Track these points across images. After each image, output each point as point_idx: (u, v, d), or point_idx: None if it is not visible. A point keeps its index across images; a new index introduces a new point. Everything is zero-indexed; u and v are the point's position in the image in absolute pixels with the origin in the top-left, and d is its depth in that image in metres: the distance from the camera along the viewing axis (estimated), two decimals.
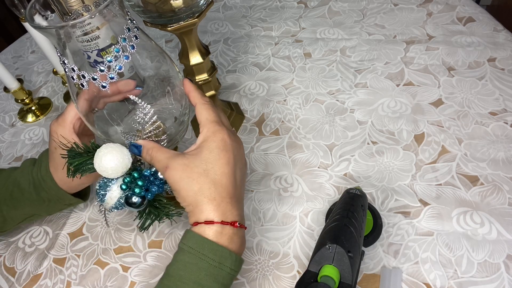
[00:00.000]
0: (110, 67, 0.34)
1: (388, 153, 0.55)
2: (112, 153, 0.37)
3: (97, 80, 0.34)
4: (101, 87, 0.35)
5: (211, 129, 0.38)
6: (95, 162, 0.37)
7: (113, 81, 0.35)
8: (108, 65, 0.34)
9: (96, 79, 0.34)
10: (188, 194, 0.35)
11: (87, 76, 0.34)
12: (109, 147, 0.37)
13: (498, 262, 0.43)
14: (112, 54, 0.34)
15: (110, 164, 0.36)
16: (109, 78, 0.34)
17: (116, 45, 0.34)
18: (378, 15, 0.77)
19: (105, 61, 0.34)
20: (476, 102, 0.59)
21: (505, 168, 0.50)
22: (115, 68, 0.34)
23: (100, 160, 0.36)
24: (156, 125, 0.39)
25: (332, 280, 0.36)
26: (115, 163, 0.36)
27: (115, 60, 0.34)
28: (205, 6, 0.46)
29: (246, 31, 0.81)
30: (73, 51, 0.35)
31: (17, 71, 0.84)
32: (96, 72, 0.34)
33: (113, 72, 0.35)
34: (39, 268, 0.51)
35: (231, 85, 0.70)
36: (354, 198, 0.44)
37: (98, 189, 0.38)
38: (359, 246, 0.39)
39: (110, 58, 0.34)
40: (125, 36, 0.35)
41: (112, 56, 0.34)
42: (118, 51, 0.34)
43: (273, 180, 0.54)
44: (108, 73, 0.34)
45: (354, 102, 0.62)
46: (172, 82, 0.43)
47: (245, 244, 0.37)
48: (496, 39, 0.68)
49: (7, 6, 0.60)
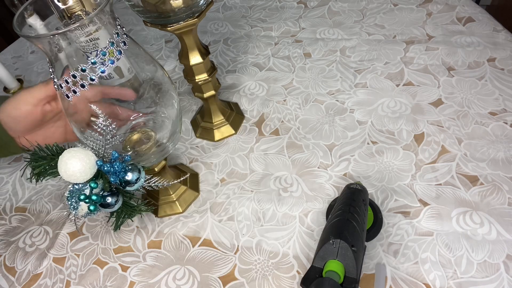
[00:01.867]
0: (93, 69, 0.34)
1: (388, 153, 0.55)
2: (76, 157, 0.35)
3: (77, 79, 0.34)
4: (80, 87, 0.35)
5: None
6: (60, 167, 0.35)
7: (93, 82, 0.34)
8: (92, 66, 0.34)
9: (76, 77, 0.34)
10: None
11: (57, 81, 0.34)
12: (72, 151, 0.36)
13: (498, 262, 0.43)
14: (98, 57, 0.34)
15: (77, 167, 0.35)
16: (89, 79, 0.34)
17: (103, 48, 0.34)
18: (378, 15, 0.77)
19: (89, 62, 0.34)
20: (476, 102, 0.59)
21: (505, 168, 0.50)
22: (97, 71, 0.34)
23: (66, 165, 0.35)
24: (121, 140, 0.38)
25: (337, 274, 0.36)
26: (80, 167, 0.35)
27: (100, 63, 0.34)
28: (205, 6, 0.46)
29: (246, 31, 0.81)
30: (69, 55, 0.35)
31: (17, 71, 0.84)
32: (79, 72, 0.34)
33: (95, 74, 0.34)
34: (39, 268, 0.51)
35: (231, 85, 0.70)
36: (355, 193, 0.44)
37: (68, 197, 0.37)
38: (362, 240, 0.39)
39: (94, 60, 0.34)
40: (113, 41, 0.35)
41: (98, 58, 0.34)
42: (104, 54, 0.34)
43: (272, 180, 0.54)
44: (90, 74, 0.34)
45: (354, 102, 0.62)
46: (164, 90, 0.43)
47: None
48: (495, 39, 0.68)
49: (7, 6, 0.60)
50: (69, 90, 0.35)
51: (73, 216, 0.40)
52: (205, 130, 0.62)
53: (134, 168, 0.39)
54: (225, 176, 0.56)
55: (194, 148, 0.61)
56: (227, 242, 0.49)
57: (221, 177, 0.56)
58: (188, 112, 0.67)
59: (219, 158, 0.59)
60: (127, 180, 0.38)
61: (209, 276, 0.46)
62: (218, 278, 0.46)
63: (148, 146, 0.44)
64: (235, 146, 0.60)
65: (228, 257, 0.48)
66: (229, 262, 0.47)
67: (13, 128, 0.47)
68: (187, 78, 0.54)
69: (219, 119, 0.61)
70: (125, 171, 0.38)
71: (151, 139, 0.44)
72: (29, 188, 0.61)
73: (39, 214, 0.57)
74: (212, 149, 0.60)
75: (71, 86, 0.35)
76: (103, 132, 0.36)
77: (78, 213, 0.38)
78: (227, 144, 0.60)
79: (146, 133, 0.44)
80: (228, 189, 0.54)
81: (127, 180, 0.38)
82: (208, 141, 0.61)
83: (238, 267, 0.47)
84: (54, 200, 0.58)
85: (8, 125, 0.47)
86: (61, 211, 0.56)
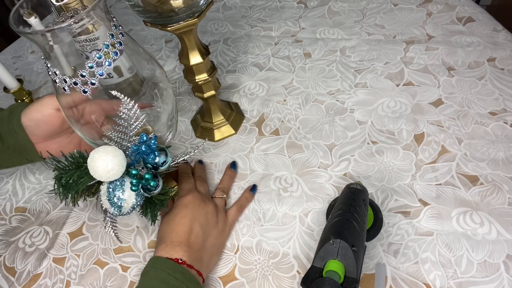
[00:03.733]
0: (92, 72, 0.34)
1: (388, 153, 0.55)
2: (107, 153, 0.35)
3: (78, 85, 0.34)
4: (83, 92, 0.35)
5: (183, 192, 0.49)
6: (96, 168, 0.35)
7: (93, 86, 0.35)
8: (90, 70, 0.34)
9: (77, 84, 0.34)
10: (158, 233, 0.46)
11: (69, 80, 0.34)
12: (99, 151, 0.36)
13: (498, 262, 0.43)
14: (94, 61, 0.34)
15: (110, 165, 0.35)
16: (90, 83, 0.34)
17: (99, 51, 0.34)
18: (378, 15, 0.77)
19: (87, 67, 0.34)
20: (476, 102, 0.59)
21: (505, 168, 0.50)
22: (96, 74, 0.34)
23: (101, 163, 0.35)
24: (143, 123, 0.38)
25: (337, 274, 0.36)
26: (114, 162, 0.35)
27: (96, 66, 0.34)
28: (205, 6, 0.46)
29: (246, 31, 0.81)
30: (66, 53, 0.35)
31: (17, 71, 0.84)
32: (78, 76, 0.34)
33: (95, 78, 0.34)
34: (38, 268, 0.51)
35: (231, 85, 0.70)
36: (355, 192, 0.44)
37: (110, 200, 0.37)
38: (362, 240, 0.39)
39: (91, 64, 0.34)
40: (108, 43, 0.35)
41: (94, 62, 0.34)
42: (100, 57, 0.34)
43: (272, 180, 0.54)
44: (90, 78, 0.34)
45: (354, 102, 0.62)
46: (161, 86, 0.43)
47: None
48: (495, 39, 0.68)
49: (7, 6, 0.60)
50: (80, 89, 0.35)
51: (109, 221, 0.40)
52: (205, 130, 0.62)
53: (161, 149, 0.40)
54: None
55: (194, 148, 0.61)
56: (227, 242, 0.49)
57: (221, 177, 0.56)
58: (188, 112, 0.67)
59: (219, 158, 0.59)
60: (157, 162, 0.39)
61: (209, 276, 0.46)
62: (218, 278, 0.46)
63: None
64: (235, 146, 0.60)
65: (228, 257, 0.48)
66: (229, 262, 0.47)
67: (33, 132, 0.48)
68: (187, 78, 0.54)
69: (219, 119, 0.61)
70: (158, 151, 0.39)
71: (149, 132, 0.44)
72: (29, 188, 0.61)
73: (39, 214, 0.57)
74: (212, 149, 0.60)
75: (80, 87, 0.35)
76: (126, 117, 0.37)
77: (124, 210, 0.37)
78: (227, 144, 0.60)
79: (144, 128, 0.44)
80: None
81: (157, 162, 0.39)
82: (208, 141, 0.61)
83: (238, 267, 0.47)
84: (54, 201, 0.58)
85: (29, 129, 0.48)
86: (61, 211, 0.56)
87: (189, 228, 0.44)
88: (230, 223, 0.49)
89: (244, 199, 0.52)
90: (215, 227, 0.46)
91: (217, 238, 0.46)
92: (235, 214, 0.50)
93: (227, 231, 0.48)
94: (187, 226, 0.44)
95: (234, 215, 0.50)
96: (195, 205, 0.46)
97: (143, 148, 0.38)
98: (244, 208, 0.52)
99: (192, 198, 0.47)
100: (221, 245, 0.47)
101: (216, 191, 0.52)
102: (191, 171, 0.55)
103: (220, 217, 0.48)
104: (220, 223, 0.47)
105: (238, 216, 0.50)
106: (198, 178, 0.53)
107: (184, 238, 0.43)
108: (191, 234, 0.43)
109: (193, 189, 0.49)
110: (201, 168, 0.56)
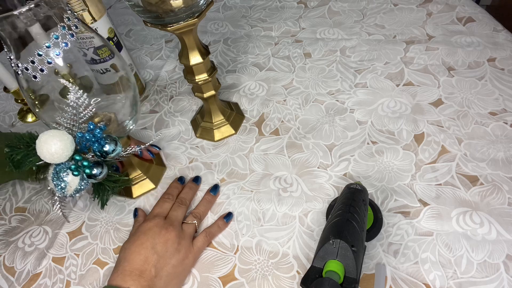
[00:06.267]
0: (48, 53, 0.35)
1: (388, 153, 0.55)
2: (54, 136, 0.37)
3: (29, 71, 0.36)
4: (33, 78, 0.36)
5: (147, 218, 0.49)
6: (42, 149, 0.37)
7: (50, 65, 0.36)
8: (47, 50, 0.35)
9: (28, 70, 0.36)
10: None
11: (21, 65, 0.36)
12: (48, 133, 0.37)
13: (498, 262, 0.43)
14: (61, 48, 0.36)
15: (53, 148, 0.36)
16: (47, 62, 0.36)
17: (56, 32, 0.35)
18: (378, 15, 0.77)
19: (44, 47, 0.35)
20: (476, 102, 0.59)
21: (505, 168, 0.50)
22: (51, 54, 0.36)
23: (46, 145, 0.37)
24: (92, 112, 0.39)
25: (337, 275, 0.36)
26: (58, 146, 0.37)
27: (53, 46, 0.35)
28: (205, 6, 0.46)
29: (246, 31, 0.81)
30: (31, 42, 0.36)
31: None
32: (35, 63, 0.36)
33: (50, 58, 0.36)
34: (38, 268, 0.51)
35: (231, 85, 0.70)
36: (355, 193, 0.44)
37: (54, 181, 0.39)
38: (362, 240, 0.39)
39: (49, 43, 0.35)
40: (64, 24, 0.36)
41: (59, 48, 0.36)
42: (57, 37, 0.35)
43: (272, 180, 0.54)
44: (46, 57, 0.35)
45: (354, 102, 0.62)
46: (124, 77, 0.44)
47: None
48: (495, 39, 0.68)
49: None
50: (36, 70, 0.36)
51: (58, 202, 0.41)
52: (205, 130, 0.62)
53: (111, 138, 0.41)
54: (225, 176, 0.56)
55: (194, 148, 0.61)
56: (227, 242, 0.49)
57: (221, 177, 0.56)
58: (188, 112, 0.67)
59: (219, 158, 0.59)
60: (105, 150, 0.40)
61: (209, 276, 0.46)
62: (218, 278, 0.46)
63: (111, 126, 0.46)
64: (235, 146, 0.60)
65: (228, 257, 0.48)
66: (229, 262, 0.47)
67: None
68: (187, 78, 0.54)
69: (219, 119, 0.61)
70: (104, 140, 0.40)
71: (111, 120, 0.46)
72: (28, 188, 0.61)
73: (39, 214, 0.57)
74: (212, 149, 0.60)
75: (37, 66, 0.36)
76: (75, 106, 0.37)
77: (67, 192, 0.39)
78: (227, 144, 0.60)
79: (106, 115, 0.45)
80: (228, 189, 0.54)
81: (106, 151, 0.40)
82: (208, 141, 0.61)
83: (238, 267, 0.47)
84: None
85: None
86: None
87: (144, 256, 0.43)
88: (195, 250, 0.47)
89: (215, 226, 0.50)
90: (173, 255, 0.44)
91: (176, 266, 0.44)
92: (202, 243, 0.48)
93: (190, 259, 0.46)
94: (142, 255, 0.43)
95: (200, 243, 0.48)
96: (154, 232, 0.45)
97: (86, 136, 0.39)
98: (214, 236, 0.49)
99: (153, 224, 0.46)
100: (180, 273, 0.45)
101: (188, 216, 0.50)
102: (179, 191, 0.53)
103: (183, 245, 0.46)
104: (182, 251, 0.45)
105: (205, 244, 0.48)
106: (178, 201, 0.51)
107: (136, 266, 0.42)
108: (144, 263, 0.43)
109: (160, 214, 0.48)
110: (190, 188, 0.54)
